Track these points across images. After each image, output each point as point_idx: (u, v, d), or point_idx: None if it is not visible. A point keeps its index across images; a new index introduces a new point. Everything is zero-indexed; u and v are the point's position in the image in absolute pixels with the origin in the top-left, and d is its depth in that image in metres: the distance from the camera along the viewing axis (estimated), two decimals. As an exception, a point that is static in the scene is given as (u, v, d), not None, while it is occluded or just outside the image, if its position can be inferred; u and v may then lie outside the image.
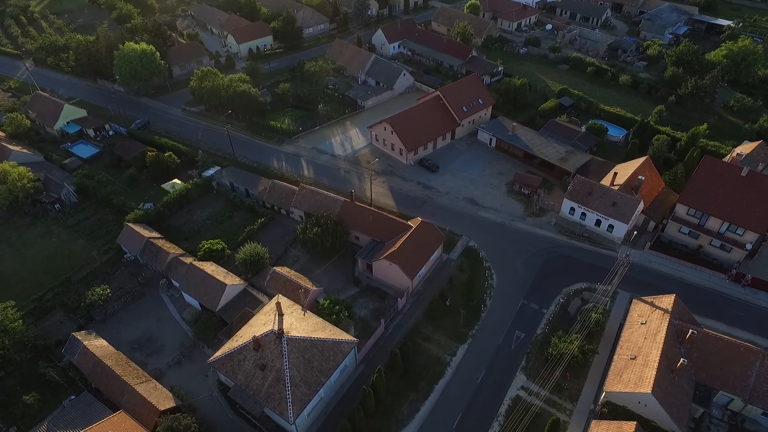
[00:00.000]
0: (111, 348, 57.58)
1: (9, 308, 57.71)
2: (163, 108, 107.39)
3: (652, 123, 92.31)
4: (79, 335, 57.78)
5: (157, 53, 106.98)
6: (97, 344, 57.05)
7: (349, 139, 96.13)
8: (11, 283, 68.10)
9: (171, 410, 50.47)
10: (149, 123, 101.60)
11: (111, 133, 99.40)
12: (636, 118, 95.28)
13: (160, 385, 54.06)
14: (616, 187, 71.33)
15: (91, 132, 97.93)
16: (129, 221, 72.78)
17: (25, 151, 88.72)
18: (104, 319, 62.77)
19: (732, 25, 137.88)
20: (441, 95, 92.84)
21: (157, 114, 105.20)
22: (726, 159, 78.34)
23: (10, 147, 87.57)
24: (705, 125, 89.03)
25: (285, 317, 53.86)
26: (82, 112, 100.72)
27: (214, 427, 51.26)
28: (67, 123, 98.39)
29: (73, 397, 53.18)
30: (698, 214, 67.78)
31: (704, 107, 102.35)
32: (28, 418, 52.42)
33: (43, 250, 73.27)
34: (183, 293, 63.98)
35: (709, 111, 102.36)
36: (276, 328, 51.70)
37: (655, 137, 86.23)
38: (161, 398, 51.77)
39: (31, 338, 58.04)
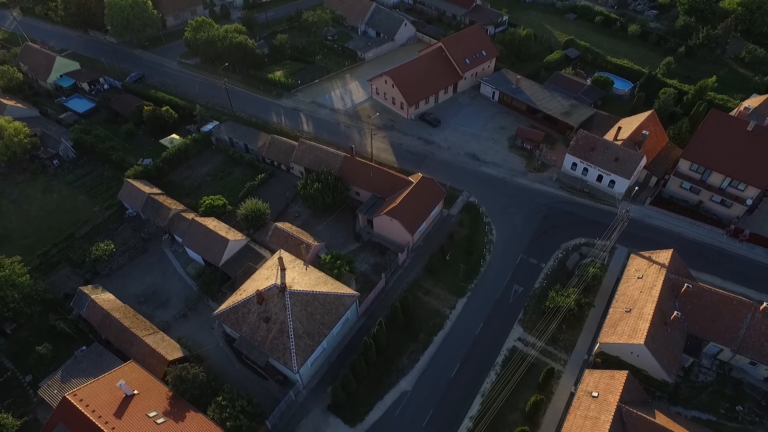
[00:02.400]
0: (118, 301, 59.01)
1: (16, 263, 58.63)
2: (157, 60, 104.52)
3: (659, 76, 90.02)
4: (87, 289, 59.07)
5: (149, 2, 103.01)
6: (104, 298, 58.41)
7: (349, 92, 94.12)
8: (16, 239, 68.86)
9: (179, 360, 52.34)
10: (144, 76, 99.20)
11: (106, 86, 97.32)
12: (643, 70, 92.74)
13: (168, 337, 55.78)
14: (620, 142, 70.49)
15: (85, 86, 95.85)
16: (129, 177, 72.61)
17: (19, 105, 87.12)
18: (109, 273, 63.90)
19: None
20: (443, 47, 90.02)
21: (152, 67, 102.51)
22: (733, 113, 76.94)
23: (4, 101, 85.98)
24: (714, 78, 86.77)
25: (287, 272, 54.77)
26: (75, 65, 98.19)
27: (222, 376, 53.29)
28: (61, 76, 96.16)
29: (84, 347, 55.11)
30: (701, 169, 67.34)
31: (715, 59, 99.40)
32: (42, 367, 54.50)
33: (45, 206, 73.55)
34: (186, 248, 64.79)
35: (719, 63, 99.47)
36: (279, 282, 52.69)
37: (662, 90, 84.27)
38: (169, 349, 53.55)
39: (40, 292, 59.39)
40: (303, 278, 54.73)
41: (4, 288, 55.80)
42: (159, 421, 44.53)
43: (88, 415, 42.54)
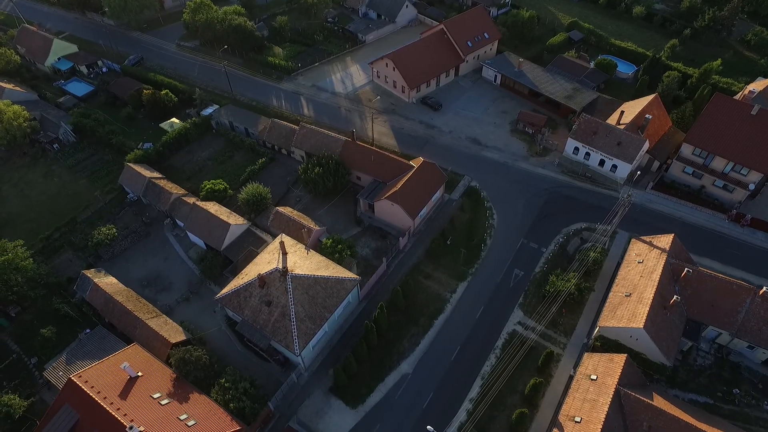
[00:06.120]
0: (121, 285, 59.39)
1: (19, 247, 58.92)
2: (156, 43, 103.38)
3: (663, 59, 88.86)
4: (89, 273, 59.40)
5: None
6: (107, 281, 58.77)
7: (350, 76, 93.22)
8: (18, 223, 69.02)
9: (182, 343, 52.89)
10: (143, 59, 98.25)
11: (104, 69, 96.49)
12: (647, 53, 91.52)
13: (170, 320, 56.28)
14: (622, 126, 69.99)
15: (84, 69, 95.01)
16: (129, 161, 72.42)
17: (17, 89, 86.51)
18: (112, 257, 64.20)
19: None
20: (445, 29, 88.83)
21: (150, 49, 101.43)
22: (738, 96, 76.18)
23: (3, 85, 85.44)
24: (719, 61, 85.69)
25: (289, 256, 54.96)
26: (73, 48, 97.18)
27: (224, 359, 53.90)
28: (59, 59, 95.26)
29: (88, 330, 55.63)
30: (704, 153, 66.98)
31: (720, 41, 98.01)
32: (47, 350, 55.15)
33: (47, 191, 73.54)
34: (188, 233, 64.95)
35: (725, 46, 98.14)
36: (280, 266, 52.93)
37: (666, 74, 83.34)
38: (172, 332, 54.07)
39: (43, 276, 59.83)
40: (304, 262, 54.95)
41: (7, 272, 56.18)
42: (163, 402, 45.19)
43: (94, 396, 43.17)
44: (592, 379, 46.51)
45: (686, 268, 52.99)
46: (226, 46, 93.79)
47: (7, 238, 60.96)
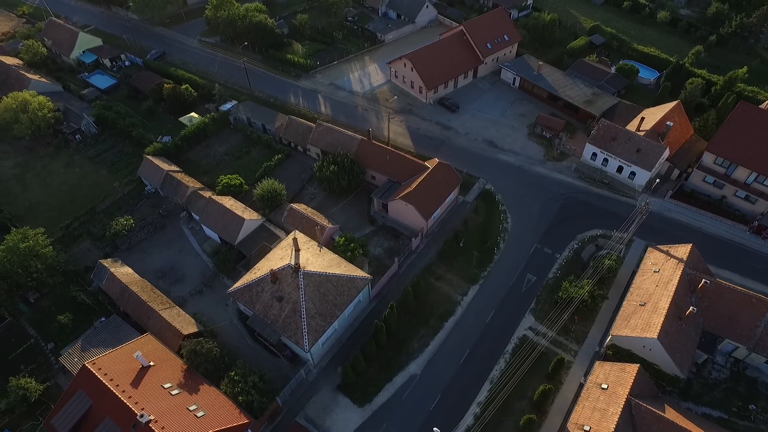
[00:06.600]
0: (136, 275, 60.37)
1: (39, 235, 60.21)
2: (178, 38, 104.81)
3: (687, 65, 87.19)
4: (106, 262, 60.50)
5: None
6: (123, 271, 59.79)
7: (368, 75, 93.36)
8: (40, 211, 70.60)
9: (194, 335, 53.59)
10: (165, 54, 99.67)
11: (127, 63, 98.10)
12: (671, 59, 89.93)
13: (183, 312, 57.03)
14: (642, 133, 68.89)
15: (107, 62, 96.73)
16: (148, 154, 73.55)
17: (43, 80, 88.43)
18: (128, 248, 65.28)
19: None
20: (465, 30, 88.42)
21: (172, 44, 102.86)
22: (763, 105, 74.40)
23: (29, 75, 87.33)
24: (745, 68, 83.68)
25: (301, 252, 55.28)
26: (97, 41, 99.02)
27: (234, 352, 54.42)
28: (83, 52, 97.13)
29: (103, 319, 56.66)
30: (726, 163, 65.57)
31: (747, 49, 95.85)
32: (63, 336, 56.34)
33: (68, 180, 75.08)
34: (203, 226, 65.74)
35: (752, 53, 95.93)
36: (293, 262, 53.26)
37: (689, 80, 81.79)
38: (184, 323, 54.80)
39: (62, 263, 61.10)
40: (317, 259, 55.21)
41: (28, 258, 57.49)
42: (173, 392, 45.81)
43: (107, 384, 43.94)
44: (602, 388, 45.88)
45: (704, 279, 51.94)
46: (246, 43, 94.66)
47: (28, 226, 62.38)
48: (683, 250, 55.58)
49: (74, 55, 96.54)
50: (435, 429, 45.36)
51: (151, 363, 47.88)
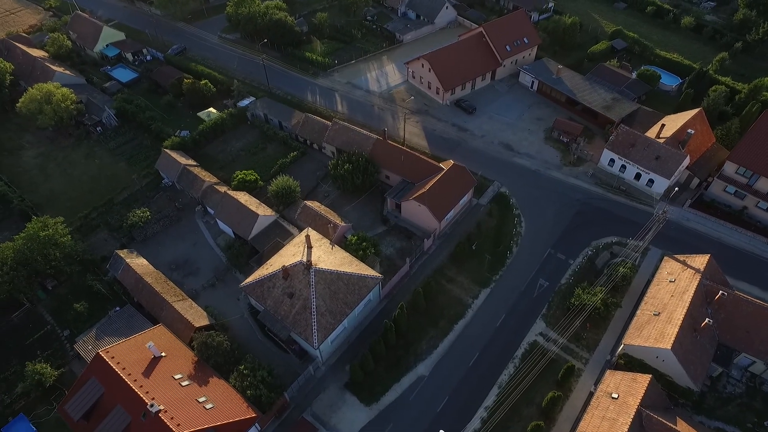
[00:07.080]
0: (151, 267, 61.29)
1: (59, 224, 61.43)
2: (199, 34, 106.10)
3: (711, 72, 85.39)
4: (122, 253, 61.54)
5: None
6: (138, 262, 60.75)
7: (385, 75, 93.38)
8: (60, 201, 72.08)
9: (205, 327, 54.19)
10: (186, 49, 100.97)
11: (149, 57, 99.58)
12: (694, 65, 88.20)
13: (195, 304, 57.74)
14: (662, 140, 67.76)
15: (129, 56, 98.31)
16: (166, 147, 74.58)
17: (67, 72, 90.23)
18: (144, 239, 66.28)
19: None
20: (484, 32, 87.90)
21: (193, 40, 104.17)
22: (789, 116, 72.56)
23: (54, 68, 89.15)
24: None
25: (314, 250, 55.56)
26: (120, 35, 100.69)
27: (244, 346, 54.89)
28: (107, 46, 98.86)
29: (118, 308, 57.69)
30: (748, 173, 64.16)
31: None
32: (79, 324, 57.43)
33: (88, 171, 76.51)
34: (217, 220, 66.45)
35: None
36: (305, 259, 53.55)
37: (713, 88, 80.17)
38: (196, 316, 55.47)
39: (79, 253, 62.26)
40: (328, 257, 55.42)
41: (47, 246, 58.69)
42: (184, 383, 46.42)
43: (119, 372, 44.68)
44: (613, 398, 45.26)
45: (721, 291, 50.88)
46: (265, 40, 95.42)
47: (49, 214, 63.70)
48: (701, 261, 54.53)
49: (98, 49, 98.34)
50: (441, 431, 45.21)
51: (163, 353, 48.57)
